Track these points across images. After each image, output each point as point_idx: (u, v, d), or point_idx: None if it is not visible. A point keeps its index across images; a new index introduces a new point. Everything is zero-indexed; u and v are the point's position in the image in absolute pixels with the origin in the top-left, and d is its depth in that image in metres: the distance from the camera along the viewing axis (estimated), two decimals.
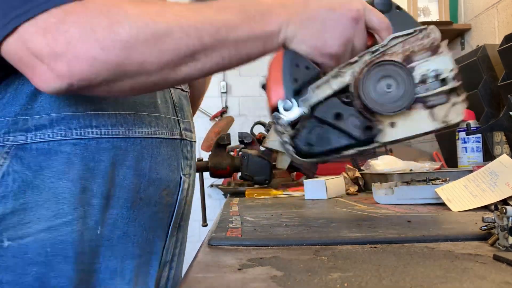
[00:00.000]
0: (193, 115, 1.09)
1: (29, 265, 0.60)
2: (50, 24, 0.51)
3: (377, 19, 0.60)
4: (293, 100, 0.57)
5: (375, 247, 0.45)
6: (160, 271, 0.74)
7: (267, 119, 1.44)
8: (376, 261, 0.39)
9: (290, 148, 0.59)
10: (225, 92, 3.43)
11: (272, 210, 0.82)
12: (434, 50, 0.58)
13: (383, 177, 1.10)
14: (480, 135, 1.33)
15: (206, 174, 1.30)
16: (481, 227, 0.48)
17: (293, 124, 0.58)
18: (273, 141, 1.11)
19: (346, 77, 0.58)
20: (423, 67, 0.57)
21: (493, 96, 1.39)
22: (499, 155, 0.85)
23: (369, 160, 1.31)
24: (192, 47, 0.54)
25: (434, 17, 1.81)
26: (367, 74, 0.57)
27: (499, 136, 1.30)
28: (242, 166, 1.25)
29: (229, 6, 0.57)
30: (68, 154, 0.62)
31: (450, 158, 1.57)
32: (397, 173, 1.09)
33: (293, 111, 0.58)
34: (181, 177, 0.76)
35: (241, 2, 0.58)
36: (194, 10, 0.56)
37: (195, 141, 0.85)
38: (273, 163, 1.31)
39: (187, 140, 0.79)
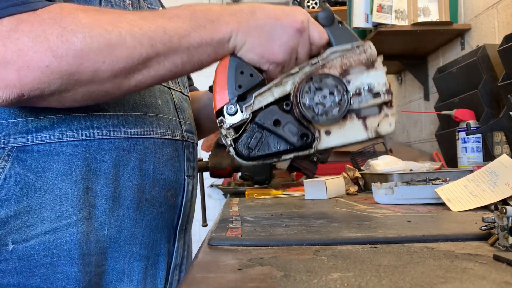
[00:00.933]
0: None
1: (35, 267, 0.60)
2: (1, 31, 0.50)
3: (318, 33, 0.63)
4: (237, 105, 0.61)
5: (375, 247, 0.45)
6: (170, 275, 0.74)
7: None
8: (376, 261, 0.39)
9: (232, 150, 0.63)
10: None
11: (272, 210, 0.82)
12: (369, 65, 0.62)
13: (383, 177, 1.10)
14: (480, 135, 1.33)
15: (206, 174, 1.31)
16: (481, 227, 0.48)
17: (236, 128, 0.62)
18: None
19: (287, 86, 0.62)
20: (358, 80, 0.62)
21: (493, 96, 1.39)
22: (499, 155, 0.85)
23: (369, 160, 1.31)
24: (145, 54, 0.55)
25: (434, 17, 1.81)
26: (306, 85, 0.61)
27: (499, 136, 1.30)
28: (242, 166, 1.25)
29: (180, 14, 0.58)
30: (70, 156, 0.62)
31: (450, 158, 1.57)
32: (397, 173, 1.09)
33: (236, 116, 0.61)
34: (184, 179, 0.76)
35: (192, 11, 0.59)
36: (146, 19, 0.56)
37: (197, 143, 0.85)
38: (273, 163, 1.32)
39: (189, 141, 0.79)
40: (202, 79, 1.03)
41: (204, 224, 1.36)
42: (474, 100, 1.42)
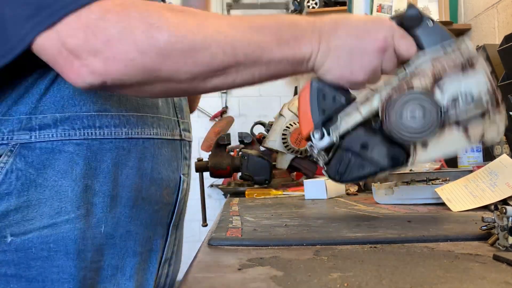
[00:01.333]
0: (192, 112, 1.10)
1: (32, 259, 0.61)
2: (90, 20, 0.51)
3: (405, 47, 0.59)
4: (323, 129, 0.60)
5: (375, 247, 0.45)
6: (160, 269, 0.75)
7: (267, 119, 1.44)
8: (376, 261, 0.39)
9: (325, 173, 0.62)
10: (225, 92, 3.44)
11: (272, 210, 0.82)
12: (466, 67, 0.55)
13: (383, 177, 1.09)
14: None
15: (206, 174, 1.30)
16: (481, 227, 0.48)
17: (327, 150, 0.61)
18: (273, 141, 1.12)
19: (374, 103, 0.58)
20: (453, 87, 0.55)
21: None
22: (499, 155, 0.85)
23: None
24: (226, 63, 0.56)
25: (434, 17, 1.81)
26: (393, 103, 0.57)
27: None
28: (242, 166, 1.25)
29: (266, 26, 0.58)
30: (71, 154, 0.63)
31: (450, 158, 1.57)
32: (397, 173, 1.09)
33: (324, 140, 0.60)
34: (180, 177, 0.77)
35: (278, 22, 0.59)
36: (233, 27, 0.56)
37: (192, 141, 0.86)
38: (273, 163, 1.32)
39: (186, 140, 0.80)
40: None
41: (204, 224, 1.36)
42: None
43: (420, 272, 0.34)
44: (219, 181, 3.12)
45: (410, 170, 1.19)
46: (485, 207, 0.70)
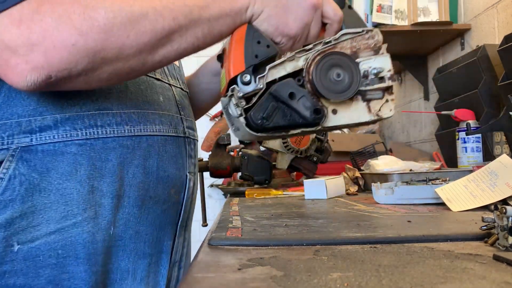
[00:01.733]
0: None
1: (41, 268, 0.60)
2: (24, 14, 0.50)
3: (333, 10, 0.65)
4: (252, 75, 0.61)
5: (375, 247, 0.45)
6: (170, 271, 0.74)
7: None
8: (376, 261, 0.39)
9: (242, 120, 0.62)
10: None
11: (272, 210, 0.82)
12: (376, 50, 0.65)
13: (383, 177, 1.10)
14: (480, 135, 1.33)
15: (206, 174, 1.30)
16: (481, 227, 0.48)
17: (247, 98, 0.62)
18: (273, 141, 1.12)
19: (300, 62, 0.63)
20: (367, 64, 0.64)
21: (493, 96, 1.39)
22: (499, 155, 0.85)
23: (369, 160, 1.31)
24: (168, 28, 0.56)
25: (434, 17, 1.81)
26: (322, 61, 0.62)
27: (499, 136, 1.30)
28: (242, 166, 1.25)
29: None
30: (74, 155, 0.62)
31: (450, 158, 1.57)
32: (397, 173, 1.09)
33: (250, 86, 0.61)
34: (186, 175, 0.76)
35: None
36: None
37: (197, 140, 0.85)
38: (273, 163, 1.32)
39: (190, 138, 0.79)
40: (193, 60, 1.02)
41: (204, 224, 1.36)
42: (474, 100, 1.42)
43: (420, 272, 0.34)
44: (219, 181, 3.12)
45: (410, 170, 1.19)
46: (485, 207, 0.70)
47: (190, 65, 1.07)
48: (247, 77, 0.61)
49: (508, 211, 0.41)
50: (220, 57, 0.67)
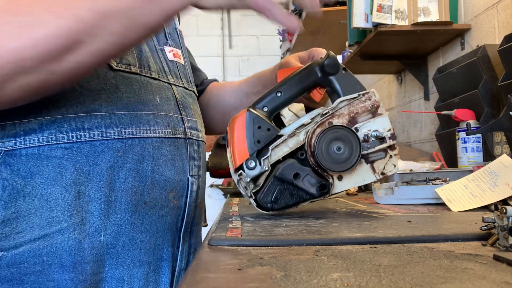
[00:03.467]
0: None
1: (25, 275, 0.58)
2: None
3: None
4: (256, 159, 0.65)
5: (375, 247, 0.45)
6: (175, 279, 0.71)
7: None
8: (376, 261, 0.39)
9: (253, 202, 0.66)
10: None
11: None
12: (374, 112, 0.66)
13: (383, 177, 1.09)
14: (480, 135, 1.33)
15: (206, 174, 1.30)
16: (481, 227, 0.48)
17: (254, 179, 0.66)
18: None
19: (300, 137, 0.66)
20: (366, 127, 0.66)
21: (493, 96, 1.38)
22: (499, 155, 0.85)
23: None
24: (71, 28, 0.48)
25: (434, 17, 1.81)
26: (321, 137, 0.64)
27: (499, 136, 1.30)
28: None
29: None
30: (60, 159, 0.60)
31: (450, 158, 1.57)
32: (397, 173, 1.09)
33: (255, 169, 0.65)
34: (188, 179, 0.73)
35: None
36: None
37: (203, 141, 0.82)
38: None
39: (193, 139, 0.76)
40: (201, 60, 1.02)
41: (204, 224, 1.36)
42: (474, 100, 1.42)
43: (420, 272, 0.34)
44: (219, 181, 3.12)
45: (410, 170, 1.19)
46: (485, 207, 0.70)
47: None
48: (252, 163, 0.64)
49: (508, 211, 0.41)
50: (224, 138, 0.72)
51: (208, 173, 1.30)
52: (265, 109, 0.68)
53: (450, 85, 1.64)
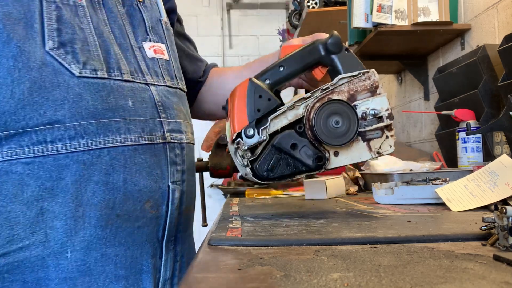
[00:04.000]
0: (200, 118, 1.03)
1: None
2: None
3: None
4: (255, 128, 0.64)
5: (375, 247, 0.45)
6: None
7: None
8: (376, 261, 0.39)
9: (249, 170, 0.65)
10: None
11: (272, 210, 0.82)
12: (373, 91, 0.67)
13: (383, 177, 1.10)
14: (480, 135, 1.33)
15: (206, 174, 1.30)
16: (481, 227, 0.48)
17: (251, 149, 0.65)
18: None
19: (300, 110, 0.66)
20: (364, 105, 0.67)
21: (493, 96, 1.38)
22: (499, 155, 0.85)
23: (369, 160, 1.31)
24: None
25: (434, 17, 1.81)
26: (319, 109, 0.64)
27: (499, 136, 1.30)
28: None
29: None
30: (20, 175, 0.58)
31: (450, 158, 1.57)
32: (397, 173, 1.09)
33: (254, 138, 0.64)
34: (169, 186, 0.69)
35: None
36: None
37: (190, 143, 0.78)
38: None
39: (174, 143, 0.72)
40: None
41: (204, 224, 1.36)
42: (474, 100, 1.42)
43: (420, 272, 0.34)
44: (219, 181, 3.12)
45: (410, 170, 1.19)
46: (485, 207, 0.70)
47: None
48: (251, 131, 0.64)
49: (508, 211, 0.41)
50: (225, 108, 0.69)
51: (208, 173, 1.30)
52: (267, 81, 0.68)
53: (450, 85, 1.64)
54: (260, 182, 0.67)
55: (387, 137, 0.68)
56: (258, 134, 0.64)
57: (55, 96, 0.60)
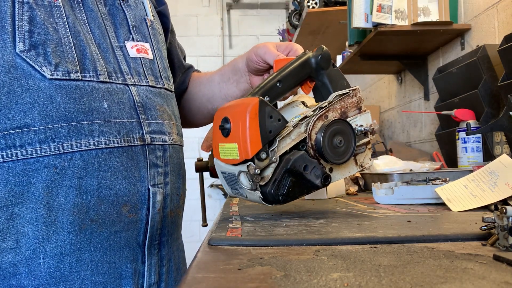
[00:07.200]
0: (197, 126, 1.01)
1: None
2: None
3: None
4: (268, 151, 0.63)
5: (375, 247, 0.45)
6: None
7: None
8: (376, 261, 0.39)
9: (258, 195, 0.64)
10: None
11: (272, 210, 0.82)
12: (360, 108, 0.70)
13: (383, 177, 1.10)
14: (480, 135, 1.33)
15: (206, 174, 1.30)
16: (481, 227, 0.48)
17: (261, 170, 0.64)
18: None
19: (301, 128, 0.66)
20: (354, 122, 0.69)
21: (493, 96, 1.39)
22: (499, 155, 0.85)
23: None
24: None
25: (434, 17, 1.81)
26: (326, 130, 0.65)
27: (499, 136, 1.30)
28: None
29: None
30: None
31: (450, 158, 1.57)
32: (397, 173, 1.09)
33: (265, 161, 0.63)
34: (149, 189, 0.67)
35: None
36: None
37: (174, 144, 0.75)
38: None
39: (155, 144, 0.70)
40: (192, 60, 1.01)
41: (204, 224, 1.36)
42: (474, 100, 1.42)
43: (420, 272, 0.34)
44: (219, 181, 3.12)
45: (410, 170, 1.19)
46: (485, 207, 0.70)
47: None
48: (264, 155, 0.62)
49: (508, 211, 0.41)
50: (224, 128, 0.64)
51: (208, 173, 1.30)
52: (266, 98, 0.65)
53: (450, 85, 1.64)
54: (268, 205, 0.65)
55: (368, 149, 0.71)
56: (268, 155, 0.62)
57: (24, 99, 0.58)
